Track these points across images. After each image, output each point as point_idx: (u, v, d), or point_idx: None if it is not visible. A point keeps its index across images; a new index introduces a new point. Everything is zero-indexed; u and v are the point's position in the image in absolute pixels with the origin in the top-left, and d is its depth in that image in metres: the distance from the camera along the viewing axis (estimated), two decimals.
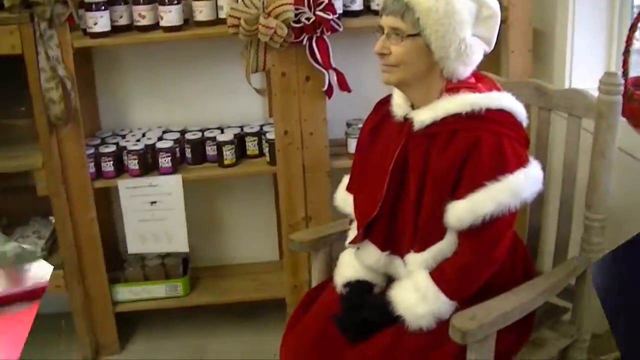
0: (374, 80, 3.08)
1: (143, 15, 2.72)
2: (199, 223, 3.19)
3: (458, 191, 1.89)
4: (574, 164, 2.21)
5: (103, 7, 2.68)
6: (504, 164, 1.87)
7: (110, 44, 2.77)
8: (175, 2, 2.69)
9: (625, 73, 2.36)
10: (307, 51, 2.71)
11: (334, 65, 2.76)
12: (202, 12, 2.75)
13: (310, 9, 2.64)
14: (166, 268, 3.09)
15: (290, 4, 2.60)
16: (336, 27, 2.68)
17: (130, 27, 2.77)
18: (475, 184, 1.86)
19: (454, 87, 1.94)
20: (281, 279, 3.10)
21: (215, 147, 2.92)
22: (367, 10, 2.85)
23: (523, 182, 1.87)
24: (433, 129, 1.93)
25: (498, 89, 1.99)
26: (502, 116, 1.92)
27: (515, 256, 2.07)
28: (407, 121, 1.99)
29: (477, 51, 1.93)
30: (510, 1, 2.74)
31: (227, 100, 3.14)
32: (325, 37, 2.70)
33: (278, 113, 2.81)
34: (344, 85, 2.80)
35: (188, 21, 2.82)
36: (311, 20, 2.64)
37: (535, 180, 1.91)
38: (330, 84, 2.78)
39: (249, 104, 3.13)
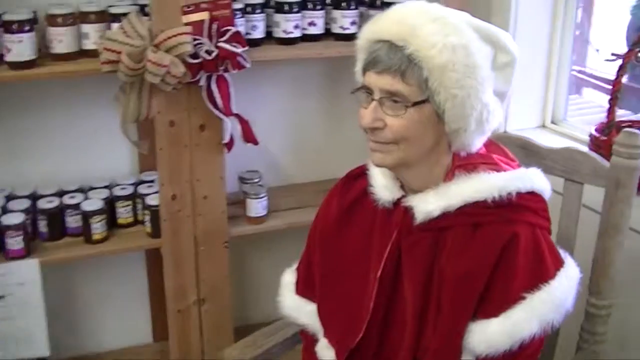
0: (272, 123, 2.61)
1: None
2: (53, 304, 2.47)
3: (486, 306, 1.38)
4: (572, 240, 1.77)
5: None
6: (544, 266, 1.40)
7: None
8: (27, 28, 2.00)
9: (610, 124, 1.97)
10: (205, 93, 2.11)
11: (235, 111, 2.17)
12: (62, 42, 2.07)
13: (211, 39, 2.04)
14: None
15: (187, 33, 1.99)
16: (244, 62, 2.10)
17: None
18: (512, 297, 1.37)
19: (466, 163, 1.43)
20: None
21: (79, 217, 2.24)
22: (269, 37, 2.29)
23: (567, 288, 1.41)
24: (444, 221, 1.41)
25: (514, 160, 1.51)
26: (534, 201, 1.44)
27: None
28: (398, 207, 1.47)
29: (498, 114, 1.42)
30: None
31: (88, 153, 2.44)
32: (226, 75, 2.11)
33: (165, 172, 2.18)
34: (249, 136, 2.23)
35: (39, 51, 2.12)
36: (213, 54, 2.04)
37: (576, 282, 1.45)
38: (231, 135, 2.19)
39: (115, 155, 2.47)
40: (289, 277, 1.70)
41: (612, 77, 1.98)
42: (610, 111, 1.96)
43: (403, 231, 1.45)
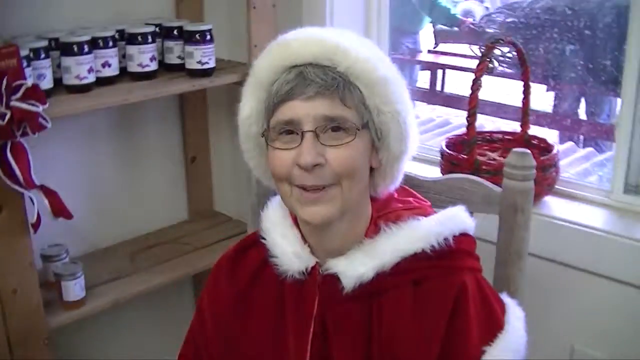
0: (65, 184, 2.14)
1: None
2: None
3: None
4: None
5: None
6: (494, 314, 1.24)
7: None
8: None
9: (472, 141, 1.84)
10: None
11: (37, 182, 1.77)
12: None
13: (0, 99, 1.63)
14: None
15: None
16: (44, 122, 1.71)
17: None
18: (472, 354, 1.18)
19: (387, 212, 1.23)
20: None
21: None
22: (57, 84, 1.91)
23: (519, 331, 1.25)
24: (376, 284, 1.18)
25: (424, 200, 1.33)
26: (468, 242, 1.27)
27: None
28: (312, 277, 1.22)
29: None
30: None
31: None
32: (22, 140, 1.71)
33: None
34: (62, 210, 1.84)
35: None
36: (6, 117, 1.63)
37: (523, 322, 1.29)
38: (38, 212, 1.79)
39: None
40: None
41: None
42: (470, 128, 1.83)
43: (326, 304, 1.21)
